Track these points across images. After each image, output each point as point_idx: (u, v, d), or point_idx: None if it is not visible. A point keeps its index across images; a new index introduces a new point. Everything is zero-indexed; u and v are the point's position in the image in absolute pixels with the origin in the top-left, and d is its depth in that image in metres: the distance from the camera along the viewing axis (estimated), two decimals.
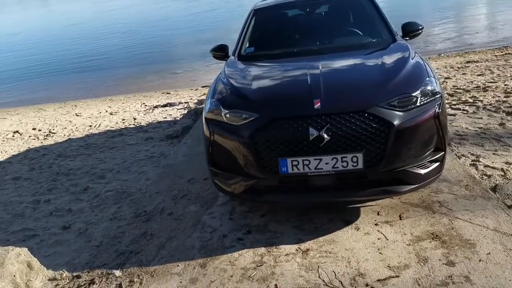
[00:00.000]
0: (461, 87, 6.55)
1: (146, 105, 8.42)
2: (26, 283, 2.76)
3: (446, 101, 5.89)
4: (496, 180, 3.46)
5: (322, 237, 2.93)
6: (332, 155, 2.71)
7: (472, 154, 4.01)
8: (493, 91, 6.09)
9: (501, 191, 3.27)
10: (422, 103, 2.80)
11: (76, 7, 42.54)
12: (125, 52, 15.77)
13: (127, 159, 5.11)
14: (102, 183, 4.43)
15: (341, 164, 2.72)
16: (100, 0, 44.39)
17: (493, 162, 3.81)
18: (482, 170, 3.66)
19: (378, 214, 3.13)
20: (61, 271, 2.92)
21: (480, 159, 3.88)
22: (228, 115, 2.96)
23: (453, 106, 5.61)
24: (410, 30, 3.86)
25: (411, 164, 2.80)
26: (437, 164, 2.92)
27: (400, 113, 2.72)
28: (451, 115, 5.26)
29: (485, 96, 5.89)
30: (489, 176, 3.54)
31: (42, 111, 9.51)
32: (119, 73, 13.00)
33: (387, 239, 2.83)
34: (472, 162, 3.84)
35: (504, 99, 5.61)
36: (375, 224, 3.01)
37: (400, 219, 3.04)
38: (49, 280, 2.86)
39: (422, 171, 2.85)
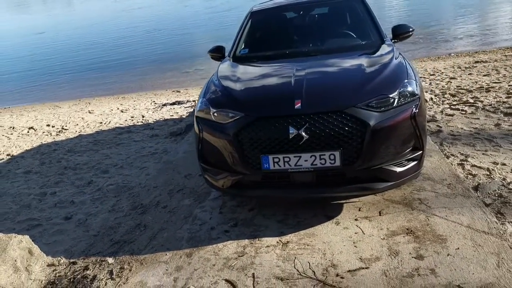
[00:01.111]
0: (465, 87, 6.57)
1: (155, 103, 8.67)
2: (26, 267, 2.98)
3: (448, 101, 5.95)
4: (480, 180, 3.54)
5: (303, 231, 3.08)
6: (310, 152, 2.85)
7: (462, 154, 4.08)
8: (495, 91, 6.11)
9: (482, 190, 3.36)
10: (399, 104, 2.91)
11: (101, 5, 43.31)
12: (144, 51, 16.10)
13: (131, 155, 5.33)
14: (105, 177, 4.66)
15: (319, 161, 2.86)
16: None
17: (481, 162, 3.88)
18: (468, 170, 3.74)
19: (359, 210, 3.26)
20: (59, 258, 3.15)
21: (469, 159, 3.95)
22: (216, 114, 3.13)
23: (452, 107, 5.66)
24: (400, 32, 3.96)
25: (388, 162, 2.92)
26: (414, 162, 3.03)
27: (377, 114, 2.84)
28: (449, 115, 5.33)
29: (486, 96, 5.92)
30: (474, 176, 3.62)
31: (58, 108, 9.86)
32: (135, 72, 13.32)
33: (364, 233, 2.96)
34: (460, 162, 3.92)
35: (505, 99, 5.63)
36: (355, 219, 3.14)
37: (380, 215, 3.16)
38: (47, 265, 3.08)
39: (399, 169, 2.97)
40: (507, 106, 5.32)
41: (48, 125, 7.91)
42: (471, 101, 5.80)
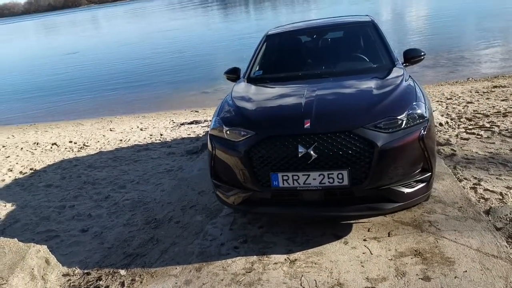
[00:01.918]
0: (481, 112, 6.54)
1: (174, 122, 8.87)
2: (42, 276, 3.10)
3: (464, 125, 5.93)
4: (492, 203, 3.52)
5: (311, 249, 3.11)
6: (319, 171, 2.92)
7: (475, 178, 4.07)
8: None
9: (494, 214, 3.34)
10: (407, 125, 2.97)
11: (133, 27, 44.74)
12: (167, 72, 16.50)
13: (148, 172, 5.47)
14: (122, 193, 4.79)
15: (327, 180, 2.92)
16: (157, 21, 46.54)
17: (494, 186, 3.86)
18: (481, 194, 3.72)
19: (368, 231, 3.28)
20: (74, 268, 3.25)
21: (482, 183, 3.94)
22: (228, 132, 3.24)
23: (468, 131, 5.64)
24: (411, 56, 4.03)
25: (396, 183, 2.95)
26: (423, 184, 3.05)
27: (385, 135, 2.90)
28: (464, 139, 5.31)
29: (503, 121, 5.88)
30: (486, 200, 3.61)
31: (80, 126, 10.17)
32: (157, 92, 13.66)
33: (372, 254, 2.97)
34: (473, 185, 3.90)
35: None
36: (364, 240, 3.16)
37: (389, 236, 3.18)
38: (63, 275, 3.19)
39: (408, 190, 3.00)
40: None
41: (70, 142, 8.17)
42: (488, 125, 5.77)
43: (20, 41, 47.30)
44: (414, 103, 3.12)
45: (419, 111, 3.07)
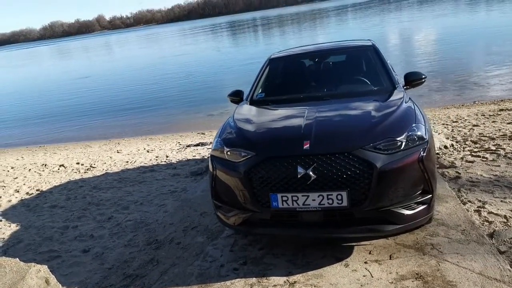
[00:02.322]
0: (487, 135, 6.51)
1: (180, 144, 8.93)
2: None
3: (469, 148, 5.89)
4: (496, 227, 3.47)
5: (311, 272, 3.08)
6: (318, 192, 2.91)
7: (479, 201, 4.02)
8: None
9: (498, 237, 3.29)
10: (407, 147, 2.97)
11: (145, 52, 45.59)
12: (175, 95, 16.72)
13: (151, 193, 5.50)
14: (125, 214, 4.81)
15: (327, 201, 2.91)
16: (169, 46, 47.46)
17: (498, 209, 3.81)
18: (485, 217, 3.68)
19: (369, 253, 3.25)
20: None
21: (486, 206, 3.89)
22: (229, 153, 3.27)
23: (473, 153, 5.60)
24: (412, 79, 4.06)
25: (396, 204, 2.94)
26: (424, 206, 3.03)
27: (384, 156, 2.90)
28: (469, 161, 5.27)
29: (509, 144, 5.83)
30: (490, 223, 3.56)
31: (88, 148, 10.28)
32: (164, 114, 13.81)
33: (372, 277, 2.93)
34: (477, 208, 3.86)
35: None
36: (365, 262, 3.13)
37: (390, 259, 3.13)
38: None
39: (408, 212, 2.97)
40: None
41: (77, 163, 8.25)
42: (493, 148, 5.73)
43: (34, 66, 48.38)
44: (414, 124, 3.13)
45: (418, 133, 3.07)
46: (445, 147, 6.06)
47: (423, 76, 4.10)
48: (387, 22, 36.55)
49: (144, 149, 9.07)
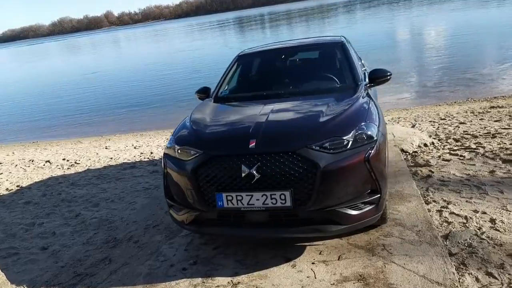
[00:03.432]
0: (471, 133, 6.39)
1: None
2: None
3: (450, 146, 5.79)
4: (454, 228, 3.39)
5: (257, 272, 3.04)
6: (262, 192, 2.86)
7: (444, 200, 3.94)
8: (502, 137, 5.90)
9: (452, 239, 3.22)
10: (353, 146, 2.90)
11: (153, 48, 45.57)
12: (175, 91, 16.70)
13: (125, 190, 5.48)
14: (93, 211, 4.80)
15: (270, 201, 2.86)
16: (178, 41, 47.42)
17: (461, 209, 3.73)
18: (445, 217, 3.60)
19: (320, 253, 3.19)
20: (22, 287, 3.24)
21: (449, 206, 3.81)
22: (179, 151, 3.23)
23: (452, 152, 5.50)
24: (376, 77, 3.98)
25: (342, 204, 2.88)
26: (371, 206, 2.97)
27: (329, 155, 2.84)
28: (446, 160, 5.18)
29: (490, 142, 5.72)
30: (449, 223, 3.48)
31: (79, 144, 10.31)
32: (160, 111, 13.81)
33: (315, 278, 2.88)
34: (440, 208, 3.78)
35: (509, 146, 5.42)
36: (312, 263, 3.07)
37: (338, 260, 3.08)
38: None
39: (354, 212, 2.91)
40: (508, 153, 5.12)
41: (64, 159, 8.27)
42: (474, 146, 5.62)
43: (42, 63, 48.71)
44: (363, 123, 3.06)
45: (368, 132, 3.00)
46: (425, 145, 5.96)
47: (388, 74, 4.01)
48: (396, 17, 36.10)
49: (132, 145, 9.07)
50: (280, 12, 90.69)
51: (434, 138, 6.31)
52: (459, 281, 2.67)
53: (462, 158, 5.19)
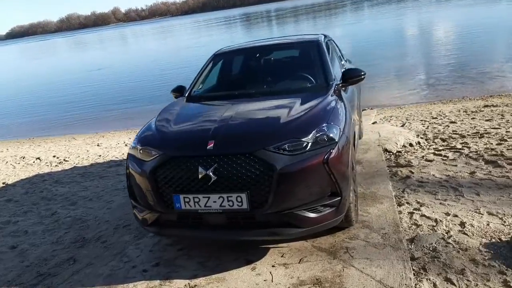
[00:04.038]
0: (460, 132, 6.29)
1: None
2: None
3: (435, 146, 5.70)
4: (421, 231, 3.33)
5: (216, 275, 3.00)
6: (219, 194, 2.82)
7: (418, 202, 3.87)
8: (489, 137, 5.80)
9: (418, 242, 3.15)
10: (312, 148, 2.84)
11: (160, 44, 45.45)
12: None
13: (106, 188, 5.47)
14: (70, 209, 4.79)
15: (227, 203, 2.82)
16: (185, 38, 47.33)
17: (433, 212, 3.66)
18: (415, 220, 3.53)
19: (282, 256, 3.14)
20: None
21: (422, 208, 3.74)
22: (141, 152, 3.19)
23: (436, 152, 5.41)
24: (349, 76, 3.90)
25: (300, 207, 2.82)
26: (331, 209, 2.91)
27: (286, 157, 2.79)
28: (428, 160, 5.09)
29: (477, 142, 5.62)
30: (417, 226, 3.41)
31: (73, 141, 10.33)
32: (161, 107, 13.76)
33: (272, 282, 2.83)
34: (412, 211, 3.71)
35: (495, 146, 5.32)
36: (272, 266, 3.03)
37: (299, 263, 3.03)
38: None
39: (313, 215, 2.86)
40: (492, 154, 5.02)
41: (54, 156, 8.29)
42: (459, 146, 5.52)
43: (50, 59, 48.97)
44: (324, 125, 2.99)
45: (329, 133, 2.94)
46: (410, 144, 5.87)
47: (362, 74, 3.92)
48: (406, 14, 35.69)
49: (124, 142, 9.06)
50: (287, 9, 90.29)
51: (422, 138, 6.22)
52: (415, 287, 2.60)
53: (445, 158, 5.11)
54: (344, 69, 4.41)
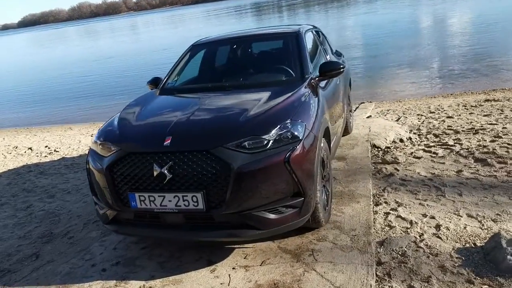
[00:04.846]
0: (454, 128, 6.07)
1: None
2: None
3: (426, 142, 5.50)
4: (393, 233, 3.17)
5: (173, 276, 2.89)
6: (174, 193, 2.69)
7: (396, 202, 3.71)
8: (484, 134, 5.58)
9: (387, 246, 3.00)
10: (274, 146, 2.69)
11: (171, 33, 45.25)
12: None
13: (86, 181, 5.36)
14: (46, 202, 4.71)
15: (183, 203, 2.69)
16: (195, 27, 47.00)
17: (410, 213, 3.49)
18: (389, 221, 3.37)
19: (245, 257, 3.02)
20: None
21: (399, 208, 3.58)
22: (101, 147, 3.07)
23: (427, 148, 5.22)
24: (326, 70, 3.71)
25: (259, 208, 2.69)
26: (294, 210, 2.77)
27: (245, 155, 2.64)
28: (416, 157, 4.91)
29: (470, 139, 5.41)
30: (390, 228, 3.26)
31: (69, 131, 10.29)
32: None
33: (229, 285, 2.71)
34: (388, 211, 3.55)
35: (488, 144, 5.11)
36: (233, 268, 2.90)
37: (261, 265, 2.90)
38: None
39: (274, 216, 2.72)
40: (484, 151, 4.82)
41: (46, 147, 8.23)
42: (451, 143, 5.32)
43: (61, 47, 49.09)
44: (288, 121, 2.83)
45: (293, 131, 2.78)
46: (401, 140, 5.68)
47: (341, 66, 3.74)
48: (423, 3, 34.88)
49: None
50: None
51: (414, 133, 6.02)
52: None
53: (434, 155, 4.92)
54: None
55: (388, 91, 10.74)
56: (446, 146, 5.20)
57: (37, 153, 7.72)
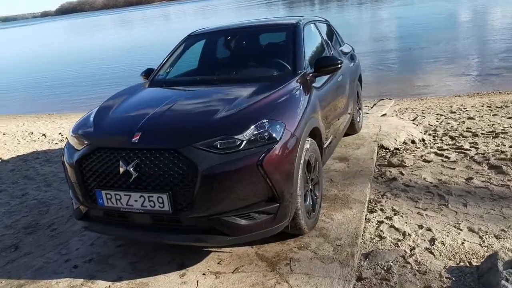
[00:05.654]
0: (473, 130, 5.68)
1: None
2: None
3: (440, 145, 5.16)
4: (382, 245, 2.93)
5: (140, 279, 2.75)
6: (140, 192, 2.55)
7: (393, 210, 3.45)
8: (504, 138, 5.18)
9: (372, 259, 2.76)
10: (247, 147, 2.50)
11: (200, 23, 45.48)
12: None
13: None
14: (42, 191, 4.69)
15: (148, 203, 2.55)
16: (226, 18, 46.96)
17: (405, 223, 3.23)
18: (381, 231, 3.12)
19: (218, 263, 2.85)
20: None
21: (394, 217, 3.32)
22: (75, 139, 2.96)
23: (439, 151, 4.88)
24: (322, 65, 3.46)
25: (229, 213, 2.51)
26: (268, 216, 2.58)
27: (215, 156, 2.46)
28: (426, 161, 4.59)
29: (488, 143, 5.03)
30: (380, 239, 3.01)
31: None
32: None
33: None
34: (382, 220, 3.30)
35: (507, 149, 4.73)
36: (203, 274, 2.74)
37: (233, 273, 2.73)
38: None
39: (245, 222, 2.54)
40: (500, 157, 4.46)
41: (59, 134, 8.31)
42: (467, 146, 4.96)
43: (93, 35, 50.14)
44: (265, 120, 2.62)
45: (270, 131, 2.58)
46: (412, 141, 5.35)
47: (338, 62, 3.48)
48: None
49: None
50: None
51: (429, 134, 5.67)
52: None
53: (445, 160, 4.59)
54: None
55: (412, 87, 10.28)
56: (460, 150, 4.85)
57: (50, 140, 7.78)
